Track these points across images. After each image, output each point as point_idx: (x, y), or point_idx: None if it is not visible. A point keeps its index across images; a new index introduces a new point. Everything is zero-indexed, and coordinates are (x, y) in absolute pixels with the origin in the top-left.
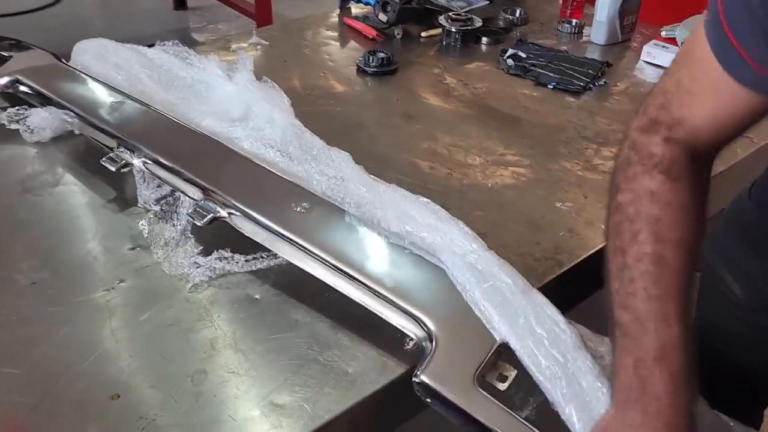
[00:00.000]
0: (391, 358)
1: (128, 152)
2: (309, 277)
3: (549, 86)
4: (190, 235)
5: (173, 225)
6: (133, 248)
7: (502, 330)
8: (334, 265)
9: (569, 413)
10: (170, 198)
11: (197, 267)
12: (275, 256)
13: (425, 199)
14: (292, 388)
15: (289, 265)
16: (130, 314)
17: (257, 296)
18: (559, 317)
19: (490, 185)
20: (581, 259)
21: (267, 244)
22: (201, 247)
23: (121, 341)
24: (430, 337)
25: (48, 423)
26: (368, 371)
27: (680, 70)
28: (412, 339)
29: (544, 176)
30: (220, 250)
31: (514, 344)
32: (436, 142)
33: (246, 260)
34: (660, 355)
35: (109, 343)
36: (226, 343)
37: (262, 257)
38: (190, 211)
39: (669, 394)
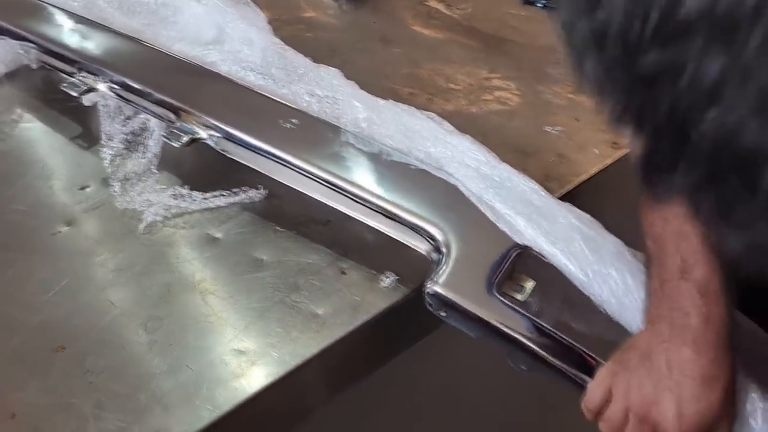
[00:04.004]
0: (364, 297)
1: (92, 76)
2: (276, 214)
3: (538, 5)
4: (155, 171)
5: (139, 159)
6: (85, 187)
7: (528, 234)
8: (328, 182)
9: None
10: (137, 129)
11: (150, 205)
12: (236, 193)
13: (429, 113)
14: (257, 333)
15: (253, 202)
16: (79, 258)
17: (218, 235)
18: (597, 223)
19: (474, 111)
20: (572, 185)
21: (256, 167)
22: (161, 186)
23: (67, 288)
24: (438, 249)
25: None
26: (339, 312)
27: None
28: (387, 277)
29: (532, 100)
30: (176, 187)
31: (545, 247)
32: (417, 67)
33: (204, 198)
34: (683, 270)
35: (54, 291)
36: (183, 287)
37: (223, 194)
38: (165, 133)
39: (696, 308)
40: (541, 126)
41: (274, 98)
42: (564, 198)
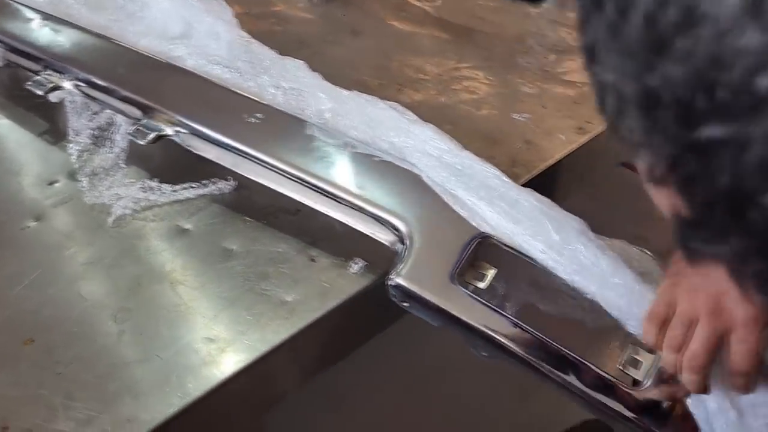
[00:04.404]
0: (333, 283)
1: (57, 74)
2: (245, 205)
3: None
4: (122, 165)
5: (107, 153)
6: (53, 182)
7: (491, 219)
8: (293, 175)
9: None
10: (104, 125)
11: (119, 199)
12: (205, 185)
13: (393, 103)
14: (227, 321)
15: (222, 193)
16: (48, 253)
17: (188, 227)
18: (557, 207)
19: (443, 100)
20: (538, 171)
21: (222, 162)
22: (130, 180)
23: (36, 282)
24: (402, 239)
25: None
26: (309, 299)
27: None
28: (356, 263)
29: (500, 89)
30: (144, 180)
31: (509, 230)
32: (386, 59)
33: (173, 190)
34: None
35: (23, 285)
36: (153, 279)
37: (192, 186)
38: (131, 130)
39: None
40: (509, 114)
41: (240, 92)
42: (530, 183)
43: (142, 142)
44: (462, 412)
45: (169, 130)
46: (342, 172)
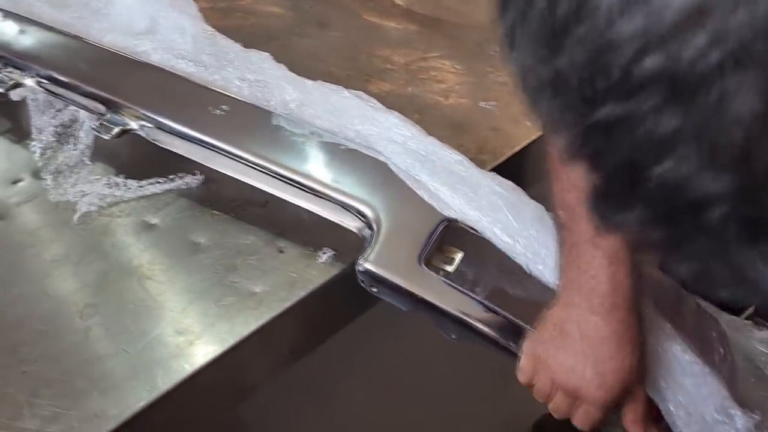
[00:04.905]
0: (301, 274)
1: (18, 71)
2: (213, 198)
3: None
4: (87, 162)
5: (71, 151)
6: (17, 181)
7: (454, 204)
8: (259, 166)
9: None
10: (67, 122)
11: (84, 195)
12: (172, 179)
13: (357, 92)
14: (195, 314)
15: (189, 187)
16: (12, 251)
17: (155, 222)
18: (520, 190)
19: (410, 90)
20: (505, 157)
21: (188, 155)
22: (95, 177)
23: (1, 281)
24: (369, 225)
25: None
26: (277, 289)
27: None
28: (324, 253)
29: (468, 77)
30: (110, 176)
31: (473, 217)
32: (353, 50)
33: (140, 185)
34: (593, 237)
35: None
36: (120, 274)
37: (158, 181)
38: (95, 125)
39: (606, 273)
40: (477, 102)
41: (204, 85)
42: (497, 170)
43: (106, 137)
44: (440, 398)
45: (133, 125)
46: (308, 162)
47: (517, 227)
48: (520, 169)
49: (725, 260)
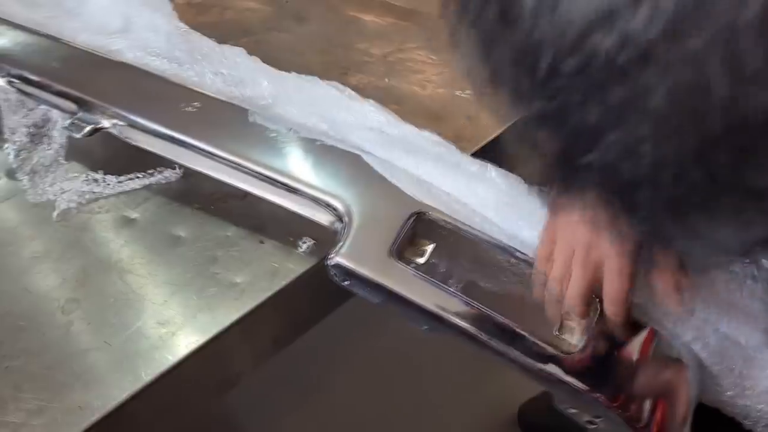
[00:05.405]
0: (282, 263)
1: None
2: (191, 192)
3: None
4: (63, 161)
5: (46, 150)
6: None
7: (429, 195)
8: (231, 162)
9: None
10: (40, 121)
11: (63, 192)
12: (151, 174)
13: (332, 82)
14: (176, 305)
15: (169, 182)
16: None
17: (135, 216)
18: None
19: (387, 81)
20: (481, 144)
21: (159, 152)
22: (73, 174)
23: None
24: (341, 219)
25: None
26: (258, 279)
27: None
28: (304, 242)
29: (444, 67)
30: (89, 173)
31: (446, 204)
32: (330, 43)
33: (119, 181)
34: None
35: None
36: (100, 269)
37: (138, 176)
38: (66, 124)
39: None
40: (453, 91)
41: (177, 82)
42: (475, 155)
43: (78, 136)
44: (424, 385)
45: (106, 123)
46: (279, 157)
47: (484, 199)
48: (497, 156)
49: (668, 229)
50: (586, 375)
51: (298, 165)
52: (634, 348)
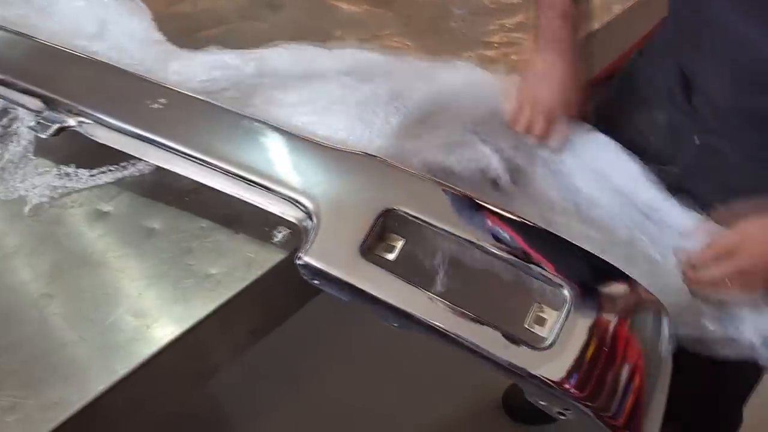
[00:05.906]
0: (258, 253)
1: None
2: (165, 184)
3: None
4: (32, 157)
5: (15, 147)
6: None
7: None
8: (198, 158)
9: None
10: (5, 119)
11: (34, 188)
12: (124, 167)
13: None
14: (152, 298)
15: (142, 174)
16: None
17: (108, 209)
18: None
19: None
20: None
21: (126, 150)
22: (44, 169)
23: None
24: (310, 217)
25: None
26: (234, 270)
27: None
28: (280, 231)
29: (421, 53)
30: (60, 167)
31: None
32: (305, 31)
33: (91, 175)
34: (563, 14)
35: None
36: (74, 263)
37: (110, 170)
38: (32, 124)
39: (570, 37)
40: None
41: (142, 77)
42: None
43: (44, 135)
44: (407, 371)
45: (71, 121)
46: (249, 154)
47: None
48: None
49: None
50: (555, 370)
51: (267, 162)
52: (602, 342)
